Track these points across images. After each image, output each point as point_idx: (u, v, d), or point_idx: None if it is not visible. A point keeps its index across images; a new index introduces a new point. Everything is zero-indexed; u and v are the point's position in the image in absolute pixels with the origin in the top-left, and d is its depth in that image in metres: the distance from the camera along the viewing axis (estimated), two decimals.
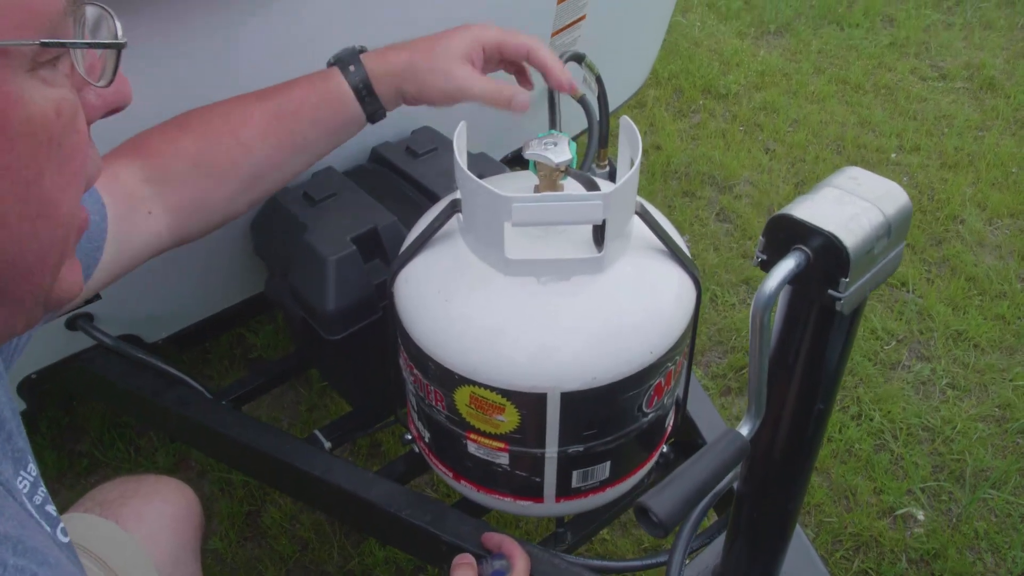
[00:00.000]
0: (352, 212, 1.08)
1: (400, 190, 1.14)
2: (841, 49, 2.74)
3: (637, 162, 0.80)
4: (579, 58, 1.05)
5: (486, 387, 0.83)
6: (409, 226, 1.08)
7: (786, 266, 0.54)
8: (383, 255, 1.08)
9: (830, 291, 0.53)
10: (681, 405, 1.04)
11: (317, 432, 1.19)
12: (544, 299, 0.82)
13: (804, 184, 2.20)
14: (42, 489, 0.54)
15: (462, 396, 0.86)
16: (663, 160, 2.27)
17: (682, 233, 1.35)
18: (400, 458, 1.15)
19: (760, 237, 0.57)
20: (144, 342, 1.25)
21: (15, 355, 0.64)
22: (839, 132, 2.38)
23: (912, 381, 1.69)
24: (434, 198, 1.11)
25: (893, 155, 2.30)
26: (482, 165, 1.13)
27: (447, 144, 1.19)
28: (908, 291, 1.90)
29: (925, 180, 2.20)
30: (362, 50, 0.88)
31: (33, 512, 0.51)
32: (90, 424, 1.63)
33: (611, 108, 1.72)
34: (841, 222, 0.53)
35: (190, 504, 0.95)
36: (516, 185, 0.93)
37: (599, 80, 1.09)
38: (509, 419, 0.86)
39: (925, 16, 2.91)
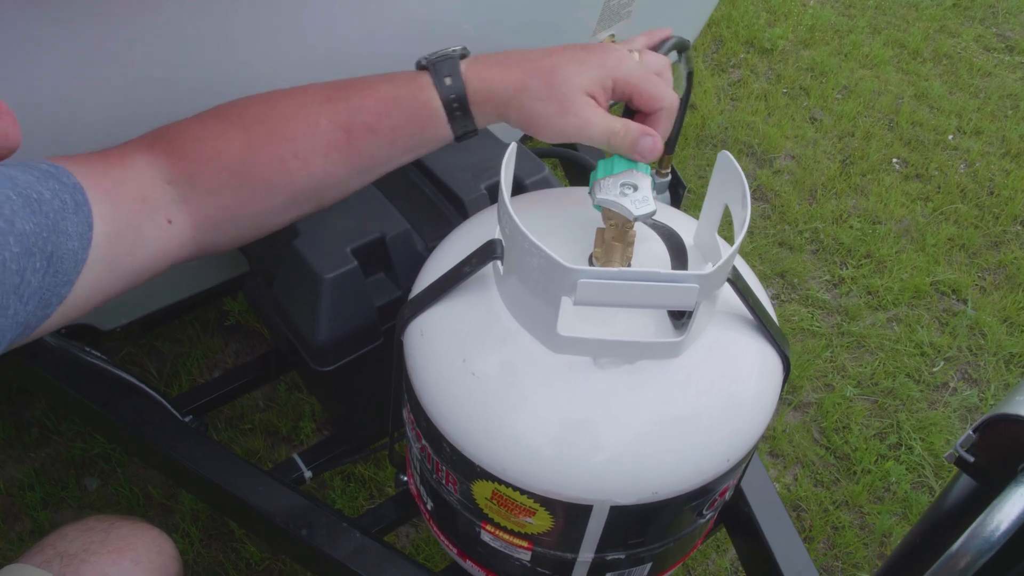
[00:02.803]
0: (355, 214, 0.87)
1: (416, 186, 0.93)
2: (900, 7, 2.48)
3: (744, 230, 0.60)
4: (683, 47, 0.83)
5: (515, 488, 0.65)
6: (424, 234, 0.89)
7: (1021, 500, 0.35)
8: (389, 268, 0.88)
9: None
10: (738, 481, 0.87)
11: (296, 457, 1.02)
12: (600, 388, 0.63)
13: (851, 163, 1.99)
14: None
15: (482, 489, 0.68)
16: (698, 122, 2.04)
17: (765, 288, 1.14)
18: (390, 501, 0.98)
19: (969, 431, 0.38)
20: (99, 331, 1.06)
21: None
22: (893, 105, 2.15)
23: (958, 407, 1.53)
24: (455, 200, 0.91)
25: (951, 137, 2.08)
26: (520, 164, 0.92)
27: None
28: (959, 301, 1.72)
29: (985, 170, 1.99)
30: (463, 55, 0.67)
31: None
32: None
33: None
34: None
35: (165, 563, 0.80)
36: (560, 213, 0.73)
37: (689, 76, 0.88)
38: (539, 523, 0.68)
39: None
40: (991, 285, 1.76)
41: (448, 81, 0.65)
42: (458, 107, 0.66)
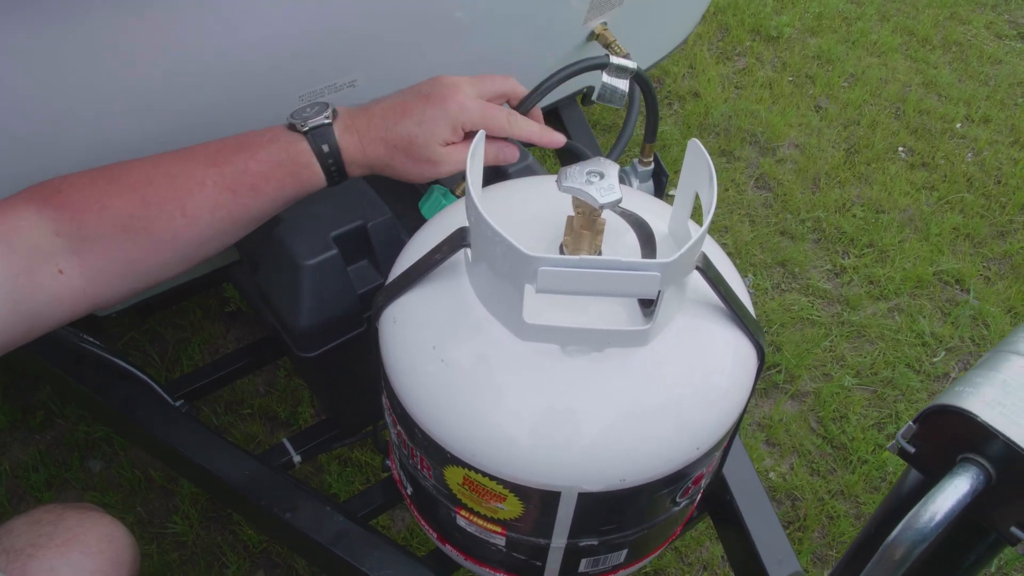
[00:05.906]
0: (338, 200, 0.88)
1: None
2: None
3: (709, 217, 0.60)
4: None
5: (485, 474, 0.66)
6: (406, 223, 0.90)
7: (958, 489, 0.36)
8: (371, 256, 0.89)
9: (1014, 529, 0.36)
10: (718, 468, 0.87)
11: (286, 441, 1.03)
12: (568, 375, 0.64)
13: (856, 152, 1.98)
14: None
15: (454, 475, 0.69)
16: (701, 111, 2.03)
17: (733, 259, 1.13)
18: (379, 485, 1.00)
19: (911, 423, 0.39)
20: (96, 316, 1.08)
21: None
22: (900, 93, 2.13)
23: None
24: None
25: (958, 125, 2.06)
26: None
27: None
28: (963, 291, 1.71)
29: (992, 159, 1.97)
30: (330, 117, 0.74)
31: None
32: None
33: (655, 59, 1.49)
34: None
35: (118, 553, 0.79)
36: (538, 201, 0.73)
37: (641, 78, 0.88)
38: (510, 508, 0.69)
39: None
40: (996, 275, 1.74)
41: (325, 148, 0.74)
42: (336, 170, 0.75)
